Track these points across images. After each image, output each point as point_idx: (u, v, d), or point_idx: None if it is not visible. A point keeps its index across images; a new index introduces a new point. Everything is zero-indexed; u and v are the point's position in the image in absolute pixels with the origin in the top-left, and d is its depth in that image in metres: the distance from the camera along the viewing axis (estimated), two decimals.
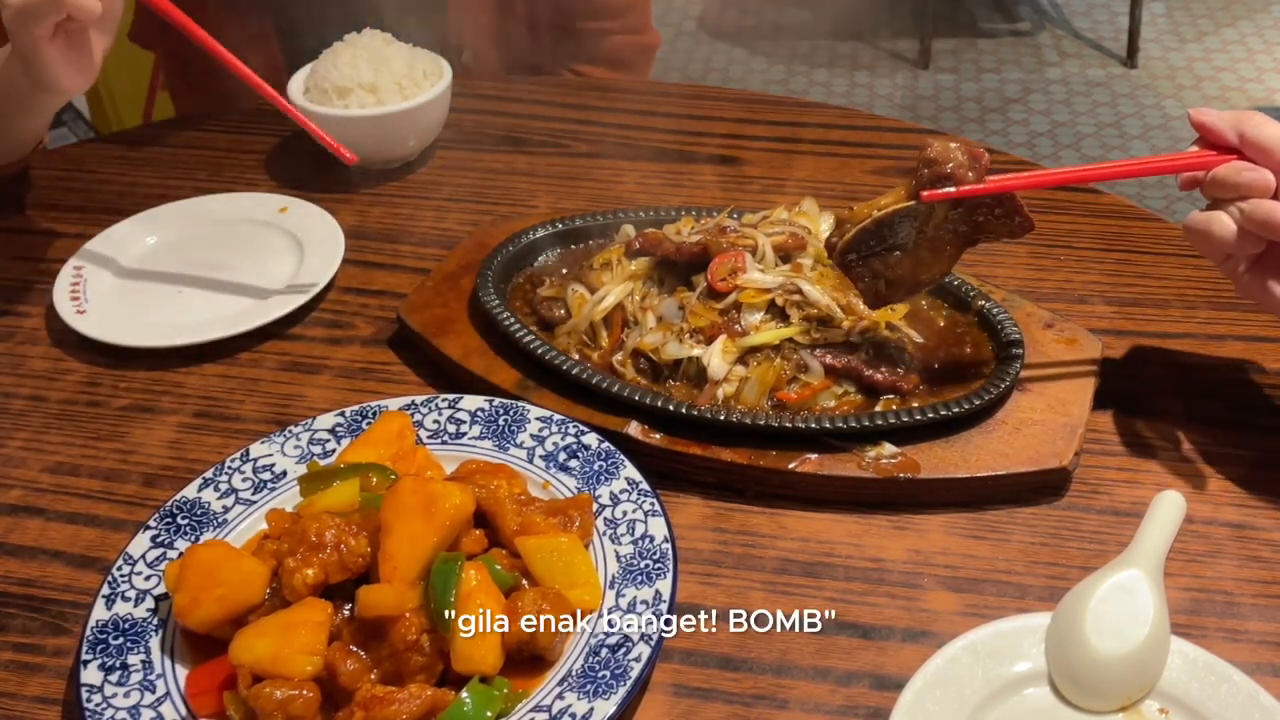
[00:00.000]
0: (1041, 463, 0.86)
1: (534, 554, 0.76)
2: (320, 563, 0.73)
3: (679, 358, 0.93)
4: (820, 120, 1.36)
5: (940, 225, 0.86)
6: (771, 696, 0.75)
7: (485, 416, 0.91)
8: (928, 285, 0.91)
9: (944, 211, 0.86)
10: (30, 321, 1.10)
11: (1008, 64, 3.68)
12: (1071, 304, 1.05)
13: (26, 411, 1.00)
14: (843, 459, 0.87)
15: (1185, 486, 0.86)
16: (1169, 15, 3.90)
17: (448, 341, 1.00)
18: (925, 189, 0.84)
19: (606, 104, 1.40)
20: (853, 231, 0.87)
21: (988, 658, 0.73)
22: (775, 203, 1.09)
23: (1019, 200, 0.85)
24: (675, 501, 0.87)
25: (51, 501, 0.91)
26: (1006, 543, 0.84)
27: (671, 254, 0.97)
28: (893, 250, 0.87)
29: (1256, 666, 0.73)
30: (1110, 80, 3.57)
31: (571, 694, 0.71)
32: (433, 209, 1.24)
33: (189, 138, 1.38)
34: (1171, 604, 0.75)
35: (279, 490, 0.86)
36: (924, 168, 0.84)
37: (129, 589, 0.78)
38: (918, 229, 0.86)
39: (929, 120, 3.38)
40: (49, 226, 1.24)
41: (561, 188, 1.26)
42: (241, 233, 1.20)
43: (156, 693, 0.72)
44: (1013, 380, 0.90)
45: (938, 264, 0.88)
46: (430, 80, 1.26)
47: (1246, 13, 3.88)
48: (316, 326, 1.09)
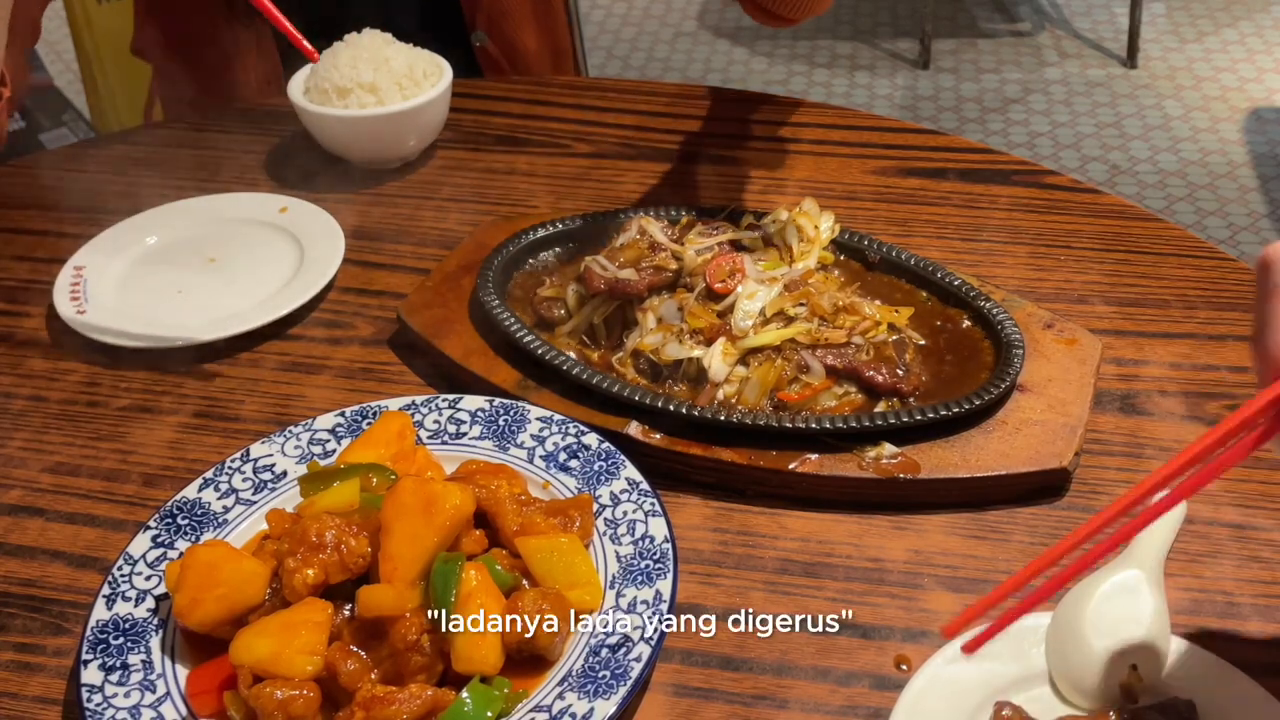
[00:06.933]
0: (1041, 463, 0.86)
1: (534, 554, 0.76)
2: (320, 563, 0.73)
3: (679, 358, 0.93)
4: (820, 120, 1.36)
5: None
6: (771, 696, 0.75)
7: (485, 416, 0.91)
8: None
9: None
10: (30, 321, 1.10)
11: (1008, 64, 3.68)
12: (1071, 304, 1.05)
13: (26, 411, 1.00)
14: (843, 459, 0.87)
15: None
16: (1169, 15, 3.90)
17: (448, 341, 1.00)
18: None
19: (606, 104, 1.40)
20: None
21: (988, 658, 0.73)
22: (775, 203, 1.09)
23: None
24: (675, 501, 0.88)
25: (51, 501, 0.91)
26: (1007, 543, 0.84)
27: (604, 292, 0.97)
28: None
29: (1256, 666, 0.73)
30: (1110, 80, 3.57)
31: (572, 694, 0.71)
32: (433, 209, 1.24)
33: (189, 138, 1.38)
34: (1171, 604, 0.75)
35: (279, 490, 0.86)
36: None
37: (129, 589, 0.78)
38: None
39: (929, 120, 3.38)
40: (49, 226, 1.24)
41: (561, 188, 1.26)
42: (241, 233, 1.19)
43: (157, 693, 0.73)
44: (1013, 380, 0.91)
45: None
46: (430, 80, 1.26)
47: (1246, 13, 3.88)
48: (316, 326, 1.09)
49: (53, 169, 1.34)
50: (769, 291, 0.94)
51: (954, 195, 1.21)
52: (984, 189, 1.21)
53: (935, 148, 1.29)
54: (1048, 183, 1.22)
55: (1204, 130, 3.29)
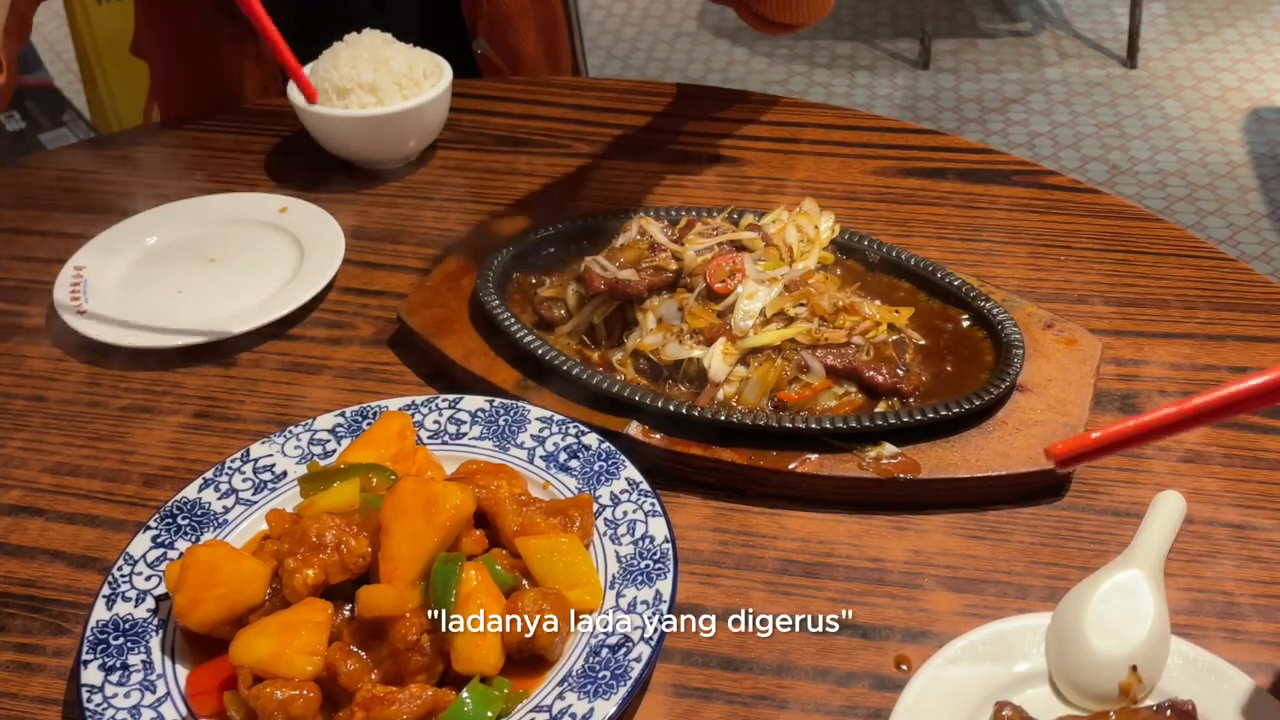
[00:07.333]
0: (1042, 463, 0.86)
1: (534, 554, 0.76)
2: (320, 563, 0.73)
3: (679, 358, 0.93)
4: (820, 120, 1.36)
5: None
6: (771, 696, 0.75)
7: (485, 416, 0.91)
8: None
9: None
10: (30, 321, 1.10)
11: (1008, 64, 3.68)
12: (1071, 304, 1.05)
13: (26, 411, 1.00)
14: (843, 459, 0.87)
15: (1185, 486, 0.86)
16: (1169, 15, 3.90)
17: (448, 341, 1.00)
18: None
19: (606, 104, 1.40)
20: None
21: (988, 658, 0.73)
22: (775, 203, 1.09)
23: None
24: (675, 501, 0.88)
25: (51, 502, 0.91)
26: (1007, 543, 0.84)
27: (604, 292, 0.97)
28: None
29: (1256, 666, 0.73)
30: (1110, 80, 3.57)
31: (572, 694, 0.71)
32: (433, 209, 1.24)
33: (189, 138, 1.38)
34: (1171, 604, 0.75)
35: (279, 490, 0.86)
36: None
37: (129, 589, 0.78)
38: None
39: (929, 120, 3.38)
40: (49, 226, 1.24)
41: (561, 188, 1.26)
42: (241, 233, 1.19)
43: (157, 693, 0.73)
44: (1013, 380, 0.91)
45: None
46: (430, 80, 1.26)
47: (1246, 13, 3.88)
48: (316, 326, 1.09)
49: (53, 169, 1.34)
50: (769, 291, 0.94)
51: (954, 195, 1.21)
52: (984, 189, 1.21)
53: (935, 148, 1.29)
54: (1048, 183, 1.22)
55: (1204, 130, 3.29)
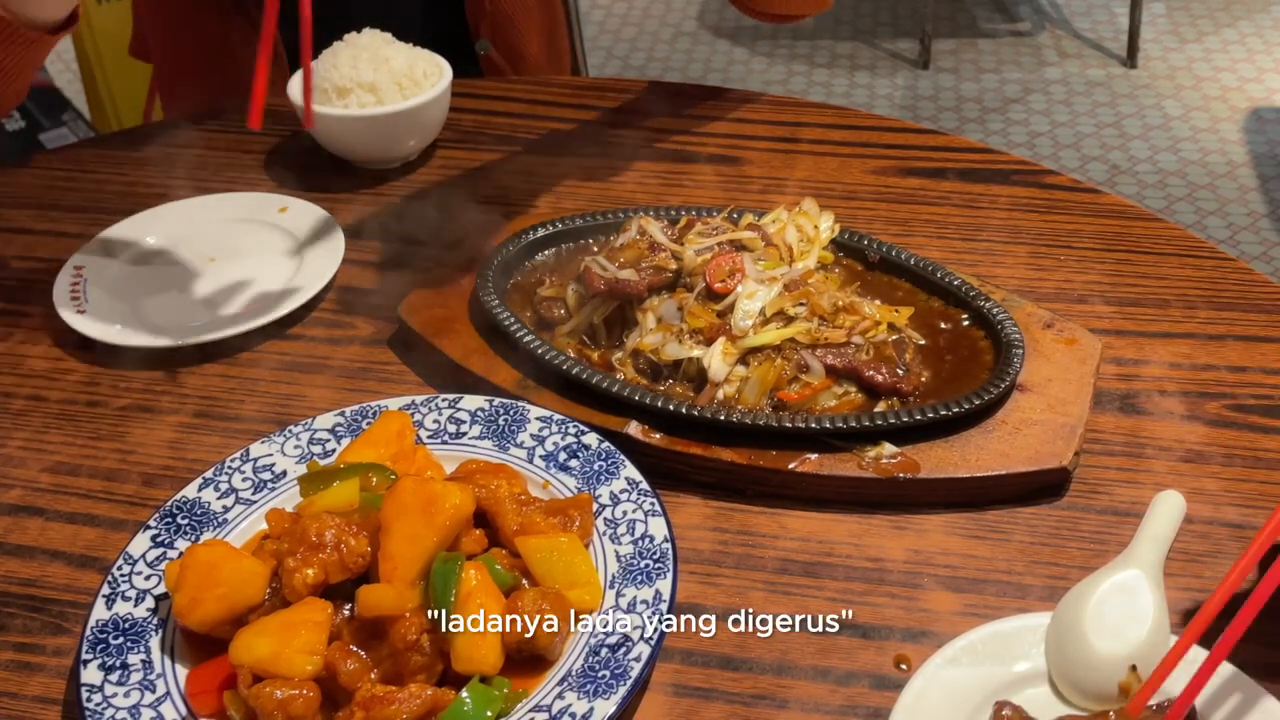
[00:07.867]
0: (1041, 463, 0.86)
1: (534, 554, 0.76)
2: (320, 563, 0.73)
3: (679, 358, 0.93)
4: (820, 120, 1.36)
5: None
6: (771, 696, 0.75)
7: (485, 416, 0.91)
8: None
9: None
10: (30, 321, 1.10)
11: (1008, 64, 3.68)
12: (1071, 304, 1.05)
13: (26, 411, 1.00)
14: (843, 459, 0.87)
15: (1185, 486, 0.86)
16: (1169, 15, 3.90)
17: (448, 341, 1.00)
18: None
19: (606, 104, 1.40)
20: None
21: (988, 658, 0.73)
22: (775, 203, 1.09)
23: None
24: (675, 501, 0.87)
25: (51, 501, 0.91)
26: (1007, 543, 0.84)
27: (604, 292, 0.97)
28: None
29: (1257, 667, 0.73)
30: (1110, 80, 3.57)
31: (571, 694, 0.71)
32: (433, 209, 1.24)
33: (189, 138, 1.38)
34: (1171, 604, 0.75)
35: (279, 490, 0.86)
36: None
37: (129, 589, 0.78)
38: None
39: (929, 120, 3.38)
40: (49, 226, 1.24)
41: (561, 188, 1.26)
42: (241, 233, 1.19)
43: (156, 692, 0.73)
44: (1013, 380, 0.91)
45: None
46: (430, 80, 1.26)
47: (1246, 13, 3.88)
48: (316, 326, 1.09)
49: (53, 169, 1.34)
50: (769, 291, 0.94)
51: (954, 195, 1.21)
52: (984, 189, 1.21)
53: (935, 148, 1.29)
54: (1048, 183, 1.22)
55: (1204, 130, 3.29)
